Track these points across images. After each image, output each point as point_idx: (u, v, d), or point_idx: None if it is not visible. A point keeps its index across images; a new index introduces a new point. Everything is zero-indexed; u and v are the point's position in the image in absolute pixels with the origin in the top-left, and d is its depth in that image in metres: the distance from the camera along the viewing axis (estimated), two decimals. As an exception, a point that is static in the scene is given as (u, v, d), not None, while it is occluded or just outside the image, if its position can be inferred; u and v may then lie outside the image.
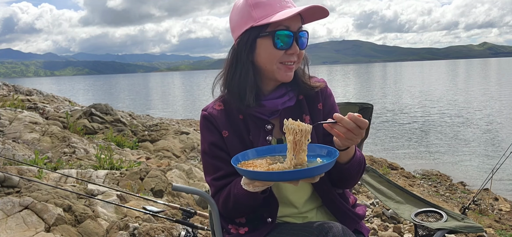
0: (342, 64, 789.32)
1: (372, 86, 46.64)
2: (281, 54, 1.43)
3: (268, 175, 1.20)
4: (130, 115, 12.01)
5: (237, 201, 1.40)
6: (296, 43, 1.43)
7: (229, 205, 1.44)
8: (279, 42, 1.41)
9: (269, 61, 1.44)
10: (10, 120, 7.50)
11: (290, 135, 1.25)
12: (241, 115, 1.51)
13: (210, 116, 1.53)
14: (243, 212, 1.48)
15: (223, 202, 1.48)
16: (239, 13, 1.46)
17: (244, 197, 1.35)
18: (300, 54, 1.47)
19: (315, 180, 1.23)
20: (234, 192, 1.40)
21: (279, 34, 1.40)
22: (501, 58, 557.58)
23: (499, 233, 5.06)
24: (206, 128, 1.53)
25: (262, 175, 1.21)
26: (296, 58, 1.46)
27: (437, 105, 23.13)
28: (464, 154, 11.37)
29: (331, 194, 1.53)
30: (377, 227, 4.51)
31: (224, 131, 1.49)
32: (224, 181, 1.48)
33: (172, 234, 3.37)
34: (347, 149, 1.35)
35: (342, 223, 1.43)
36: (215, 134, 1.50)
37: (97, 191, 3.96)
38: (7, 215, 3.16)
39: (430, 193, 7.39)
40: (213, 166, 1.50)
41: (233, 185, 1.42)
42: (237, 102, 1.46)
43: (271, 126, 1.50)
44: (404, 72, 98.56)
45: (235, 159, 1.31)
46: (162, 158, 7.55)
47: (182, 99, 39.69)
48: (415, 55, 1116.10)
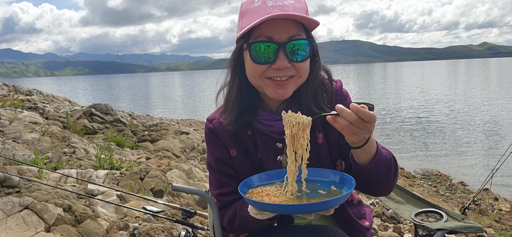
0: (343, 64, 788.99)
1: (373, 86, 46.63)
2: (263, 69, 1.28)
3: (278, 208, 1.13)
4: (130, 115, 12.01)
5: (243, 224, 1.37)
6: (285, 55, 1.25)
7: (235, 225, 1.41)
8: (256, 55, 1.26)
9: (252, 76, 1.31)
10: (10, 120, 7.50)
11: (288, 129, 1.18)
12: (249, 131, 1.42)
13: (216, 131, 1.43)
14: (249, 232, 1.45)
15: (228, 221, 1.44)
16: (238, 19, 1.37)
17: (250, 221, 1.31)
18: (298, 68, 1.28)
19: (330, 212, 1.16)
20: (241, 215, 1.36)
21: (255, 46, 1.26)
22: (501, 58, 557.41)
23: (499, 233, 5.06)
24: (212, 142, 1.45)
25: (272, 207, 1.14)
26: (291, 72, 1.28)
27: (437, 105, 23.12)
28: (464, 154, 11.37)
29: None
30: (377, 227, 4.51)
31: (232, 150, 1.41)
32: (231, 197, 1.44)
33: (172, 234, 3.37)
34: (364, 146, 1.20)
35: (347, 234, 1.41)
36: (223, 151, 1.42)
37: (97, 191, 3.96)
38: (7, 215, 3.16)
39: (430, 193, 7.39)
40: (220, 181, 1.46)
41: (239, 207, 1.38)
42: (233, 123, 1.37)
43: (282, 145, 1.39)
44: (404, 72, 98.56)
45: (243, 185, 1.23)
46: (162, 158, 7.55)
47: (182, 99, 39.68)
48: (415, 55, 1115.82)
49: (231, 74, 1.39)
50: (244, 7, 1.32)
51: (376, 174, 1.27)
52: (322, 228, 1.41)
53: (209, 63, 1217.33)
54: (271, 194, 1.20)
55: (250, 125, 1.40)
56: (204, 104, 29.91)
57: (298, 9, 1.28)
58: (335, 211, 1.47)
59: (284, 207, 1.12)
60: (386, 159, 1.28)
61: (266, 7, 1.25)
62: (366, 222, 1.58)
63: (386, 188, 1.37)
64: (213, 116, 1.48)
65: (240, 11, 1.33)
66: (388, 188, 1.38)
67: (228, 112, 1.38)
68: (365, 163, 1.25)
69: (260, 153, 1.41)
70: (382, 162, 1.26)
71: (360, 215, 1.58)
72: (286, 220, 1.45)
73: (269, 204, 1.13)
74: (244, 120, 1.38)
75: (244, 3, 1.33)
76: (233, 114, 1.36)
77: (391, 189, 1.39)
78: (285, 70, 1.27)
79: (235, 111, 1.36)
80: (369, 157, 1.24)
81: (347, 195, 1.12)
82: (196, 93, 47.92)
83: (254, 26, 1.23)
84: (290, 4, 1.27)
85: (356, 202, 1.59)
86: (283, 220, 1.45)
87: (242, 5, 1.33)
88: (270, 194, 1.20)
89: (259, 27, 1.25)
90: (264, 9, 1.25)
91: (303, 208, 1.09)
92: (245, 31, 1.25)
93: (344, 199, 1.12)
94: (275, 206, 1.13)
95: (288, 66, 1.26)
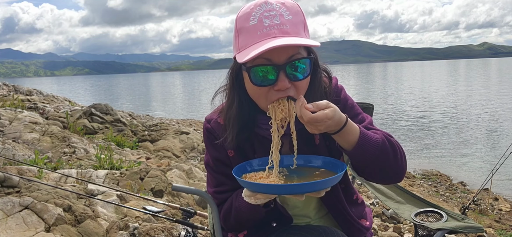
0: (343, 64, 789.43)
1: (373, 86, 46.63)
2: (264, 91, 1.27)
3: (270, 188, 1.16)
4: (130, 115, 12.01)
5: (238, 214, 1.38)
6: (285, 76, 1.23)
7: (231, 217, 1.42)
8: (256, 79, 1.25)
9: (256, 97, 1.31)
10: (10, 120, 7.50)
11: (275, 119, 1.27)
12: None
13: (214, 131, 1.45)
14: (244, 225, 1.46)
15: (224, 214, 1.45)
16: (233, 35, 1.31)
17: (245, 209, 1.32)
18: (299, 86, 1.28)
19: (321, 194, 1.18)
20: (236, 204, 1.37)
21: (255, 70, 1.24)
22: (501, 58, 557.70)
23: (499, 233, 5.07)
24: (210, 141, 1.46)
25: (264, 187, 1.18)
26: (291, 92, 1.27)
27: (437, 105, 23.12)
28: (464, 154, 11.37)
29: (339, 203, 1.48)
30: (377, 227, 4.51)
31: (229, 151, 1.42)
32: (227, 195, 1.45)
33: (172, 234, 3.37)
34: (338, 132, 1.19)
35: (347, 234, 1.42)
36: (221, 151, 1.44)
37: (97, 191, 3.96)
38: (7, 215, 3.16)
39: (430, 193, 7.40)
40: (217, 180, 1.48)
41: (234, 197, 1.40)
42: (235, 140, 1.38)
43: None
44: (404, 72, 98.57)
45: (238, 170, 1.28)
46: (162, 158, 7.55)
47: (182, 99, 39.68)
48: (415, 55, 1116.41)
49: (230, 92, 1.38)
50: (240, 24, 1.27)
51: (366, 158, 1.25)
52: (322, 228, 1.41)
53: (209, 63, 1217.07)
54: (264, 176, 1.26)
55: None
56: (204, 104, 29.89)
57: (296, 25, 1.24)
58: (335, 210, 1.49)
59: (275, 187, 1.16)
60: (376, 142, 1.25)
61: (263, 27, 1.21)
62: (366, 222, 1.58)
63: (392, 172, 1.33)
64: (211, 116, 1.49)
65: (236, 27, 1.28)
66: (394, 172, 1.34)
67: (229, 130, 1.38)
68: (348, 148, 1.24)
69: (257, 154, 1.42)
70: (369, 146, 1.24)
71: (361, 215, 1.58)
72: (285, 220, 1.45)
73: (259, 184, 1.18)
74: (245, 136, 1.39)
75: (239, 18, 1.28)
76: (235, 130, 1.37)
77: (398, 174, 1.35)
78: (286, 90, 1.26)
79: (236, 128, 1.37)
80: (350, 143, 1.23)
81: (338, 177, 1.15)
82: (196, 93, 47.93)
83: (246, 58, 1.18)
84: (288, 21, 1.23)
85: (360, 202, 1.59)
86: (282, 220, 1.45)
87: (237, 20, 1.28)
88: (263, 177, 1.25)
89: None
90: (261, 29, 1.21)
91: (294, 188, 1.14)
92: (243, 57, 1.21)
93: (335, 181, 1.15)
94: (265, 186, 1.17)
95: (289, 86, 1.25)
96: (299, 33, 1.24)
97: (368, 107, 1.88)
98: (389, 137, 1.33)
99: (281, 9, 1.24)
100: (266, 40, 1.19)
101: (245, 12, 1.26)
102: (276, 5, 1.24)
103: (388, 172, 1.33)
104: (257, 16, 1.23)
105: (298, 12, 1.27)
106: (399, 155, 1.32)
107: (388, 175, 1.34)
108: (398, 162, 1.32)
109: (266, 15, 1.22)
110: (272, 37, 1.20)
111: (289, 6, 1.26)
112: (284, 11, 1.24)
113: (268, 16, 1.22)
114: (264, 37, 1.20)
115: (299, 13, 1.27)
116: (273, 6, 1.24)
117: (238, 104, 1.35)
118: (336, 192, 1.45)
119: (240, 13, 1.28)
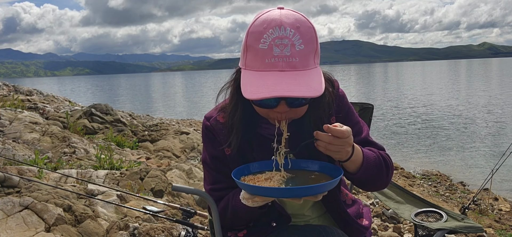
0: (343, 64, 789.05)
1: (373, 86, 46.63)
2: (266, 111, 1.31)
3: (268, 191, 1.18)
4: (130, 115, 12.01)
5: (235, 213, 1.39)
6: (286, 104, 1.25)
7: (227, 216, 1.44)
8: (256, 101, 1.28)
9: (257, 110, 1.34)
10: (10, 120, 7.50)
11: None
12: None
13: (212, 128, 1.46)
14: (241, 224, 1.48)
15: (220, 212, 1.47)
16: (242, 43, 1.28)
17: (242, 210, 1.34)
18: (297, 111, 1.30)
19: (318, 198, 1.20)
20: (233, 204, 1.39)
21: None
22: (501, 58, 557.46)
23: (499, 233, 5.07)
24: (208, 139, 1.48)
25: (262, 190, 1.19)
26: (289, 115, 1.31)
27: (437, 105, 23.13)
28: (464, 154, 11.37)
29: (336, 203, 1.49)
30: (377, 227, 4.51)
31: (227, 149, 1.43)
32: (224, 192, 1.47)
33: (172, 234, 3.37)
34: (350, 158, 1.27)
35: (346, 233, 1.43)
36: (218, 148, 1.45)
37: (97, 191, 3.96)
38: (7, 215, 3.16)
39: (430, 193, 7.39)
40: (214, 177, 1.49)
41: (231, 196, 1.41)
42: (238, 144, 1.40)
43: (276, 145, 1.39)
44: (404, 72, 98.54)
45: (236, 172, 1.29)
46: (162, 158, 7.55)
47: (182, 99, 39.68)
48: (415, 55, 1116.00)
49: (233, 99, 1.39)
50: (250, 41, 1.21)
51: (367, 178, 1.34)
52: (321, 228, 1.41)
53: (210, 63, 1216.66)
54: (263, 179, 1.27)
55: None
56: (204, 104, 29.91)
57: (306, 56, 1.19)
58: (333, 211, 1.50)
59: (272, 191, 1.18)
60: (375, 163, 1.35)
61: (272, 56, 1.17)
62: (365, 221, 1.58)
63: (381, 185, 1.45)
64: (210, 114, 1.50)
65: (246, 40, 1.23)
66: (383, 185, 1.46)
67: (233, 136, 1.40)
68: (354, 171, 1.32)
69: (255, 153, 1.44)
70: (371, 167, 1.34)
71: (359, 214, 1.59)
72: (284, 220, 1.45)
73: (257, 187, 1.20)
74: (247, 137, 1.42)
75: (251, 34, 1.22)
76: (238, 135, 1.39)
77: (386, 185, 1.47)
78: (284, 114, 1.29)
79: (240, 133, 1.39)
80: (357, 166, 1.31)
81: (335, 181, 1.17)
82: (196, 93, 47.92)
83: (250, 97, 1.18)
84: (298, 53, 1.17)
85: (350, 202, 1.60)
86: (281, 220, 1.45)
87: (248, 35, 1.22)
88: (261, 180, 1.27)
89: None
90: (269, 58, 1.17)
91: (292, 192, 1.16)
92: (247, 91, 1.19)
93: (332, 185, 1.18)
94: (263, 189, 1.19)
95: (288, 110, 1.28)
96: (308, 64, 1.20)
97: (368, 107, 1.88)
98: (383, 153, 1.42)
99: (294, 37, 1.18)
100: (272, 72, 1.17)
101: (258, 31, 1.20)
102: (290, 31, 1.18)
103: (378, 186, 1.45)
104: (268, 41, 1.18)
105: (311, 39, 1.21)
106: (390, 170, 1.42)
107: (376, 187, 1.46)
108: (389, 176, 1.42)
109: (278, 42, 1.17)
110: (279, 70, 1.17)
111: (303, 32, 1.20)
112: (296, 39, 1.18)
113: (279, 45, 1.17)
114: (271, 68, 1.17)
115: (312, 40, 1.22)
116: (286, 33, 1.17)
117: (242, 111, 1.37)
118: (333, 192, 1.47)
119: (252, 27, 1.22)
